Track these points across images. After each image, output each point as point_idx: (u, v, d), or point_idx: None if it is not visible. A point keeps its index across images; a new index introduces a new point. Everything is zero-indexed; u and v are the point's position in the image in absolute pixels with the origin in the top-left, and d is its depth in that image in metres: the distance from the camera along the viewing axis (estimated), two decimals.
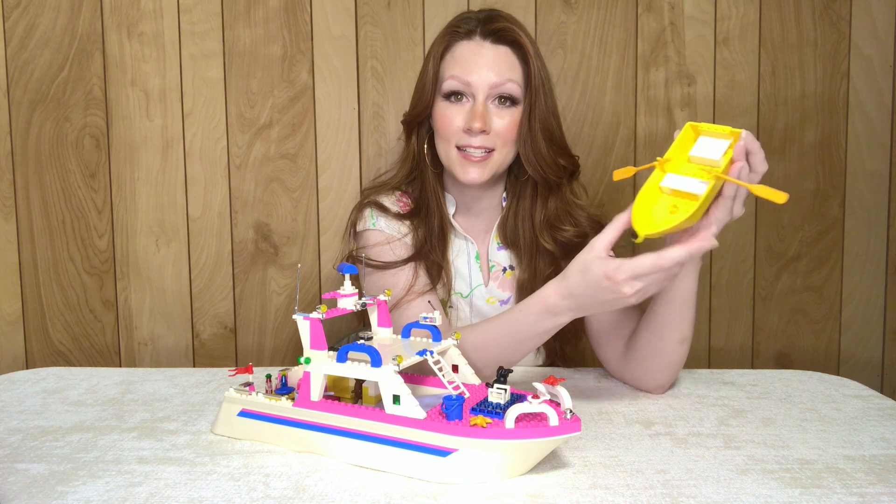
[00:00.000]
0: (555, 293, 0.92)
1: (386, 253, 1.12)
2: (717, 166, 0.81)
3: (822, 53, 1.55)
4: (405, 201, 1.18)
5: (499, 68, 1.08)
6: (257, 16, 1.53)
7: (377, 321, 0.91)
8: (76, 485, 0.74)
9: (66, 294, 1.58)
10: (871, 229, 1.59)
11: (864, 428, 0.89)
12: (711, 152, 0.82)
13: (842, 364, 1.62)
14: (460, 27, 1.12)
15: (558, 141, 1.13)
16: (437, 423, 0.74)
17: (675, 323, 0.99)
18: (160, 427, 0.90)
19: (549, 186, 1.14)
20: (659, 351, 1.01)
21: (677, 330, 1.00)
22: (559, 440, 0.74)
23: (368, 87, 1.55)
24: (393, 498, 0.71)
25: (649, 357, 1.02)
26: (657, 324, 1.01)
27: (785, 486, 0.73)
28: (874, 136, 1.56)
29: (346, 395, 0.86)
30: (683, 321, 0.99)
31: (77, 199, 1.56)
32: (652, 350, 1.02)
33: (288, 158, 1.56)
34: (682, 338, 1.00)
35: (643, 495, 0.71)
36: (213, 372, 1.14)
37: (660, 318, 1.00)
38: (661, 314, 1.00)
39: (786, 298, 1.60)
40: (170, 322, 1.59)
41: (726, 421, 0.91)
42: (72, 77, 1.54)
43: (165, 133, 1.55)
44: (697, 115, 1.56)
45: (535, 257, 1.16)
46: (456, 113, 1.10)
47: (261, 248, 1.58)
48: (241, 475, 0.76)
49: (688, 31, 1.54)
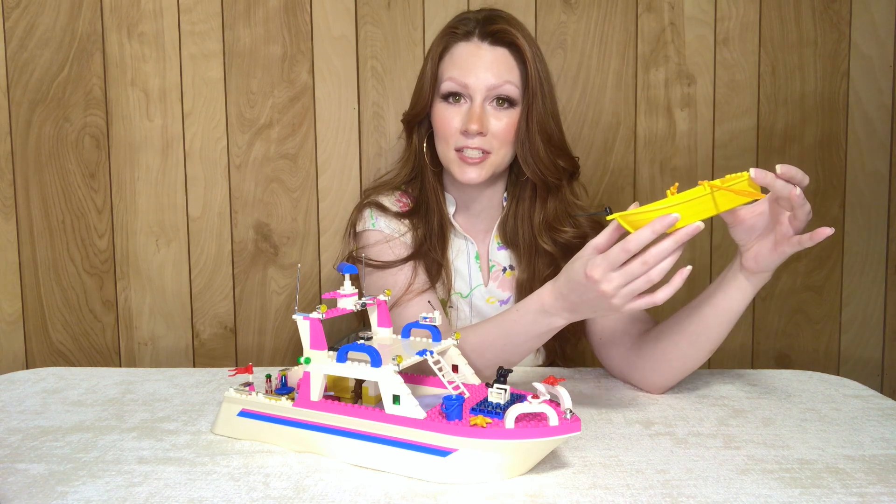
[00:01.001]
0: (549, 293, 0.92)
1: (385, 252, 1.12)
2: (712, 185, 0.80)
3: (822, 53, 1.55)
4: (405, 201, 1.18)
5: (497, 70, 1.08)
6: (257, 16, 1.53)
7: (377, 321, 0.91)
8: (76, 485, 0.74)
9: (66, 294, 1.58)
10: (871, 229, 1.58)
11: (864, 428, 0.89)
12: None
13: (842, 364, 1.62)
14: (458, 28, 1.11)
15: (557, 142, 1.12)
16: (437, 423, 0.74)
17: (713, 332, 0.97)
18: (160, 427, 0.90)
19: (547, 188, 1.14)
20: (686, 355, 0.99)
21: (712, 339, 0.98)
22: (559, 440, 0.74)
23: (368, 87, 1.55)
24: (393, 498, 0.71)
25: (672, 358, 1.00)
26: (695, 330, 0.98)
27: (785, 486, 0.73)
28: (874, 136, 1.56)
29: (346, 395, 0.86)
30: (720, 333, 0.97)
31: (77, 199, 1.56)
32: (678, 353, 0.99)
33: (288, 158, 1.56)
34: (712, 348, 0.99)
35: (643, 495, 0.71)
36: (213, 372, 1.14)
37: (701, 326, 0.97)
38: (705, 323, 0.97)
39: (786, 298, 1.60)
40: (170, 322, 1.59)
41: (726, 421, 0.91)
42: (72, 77, 1.54)
43: (165, 133, 1.55)
44: (697, 115, 1.56)
45: (534, 258, 1.16)
46: (454, 114, 1.10)
47: (261, 248, 1.58)
48: (241, 475, 0.76)
49: (688, 31, 1.54)
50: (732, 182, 0.80)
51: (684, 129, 1.56)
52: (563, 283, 0.89)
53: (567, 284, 0.88)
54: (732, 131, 1.56)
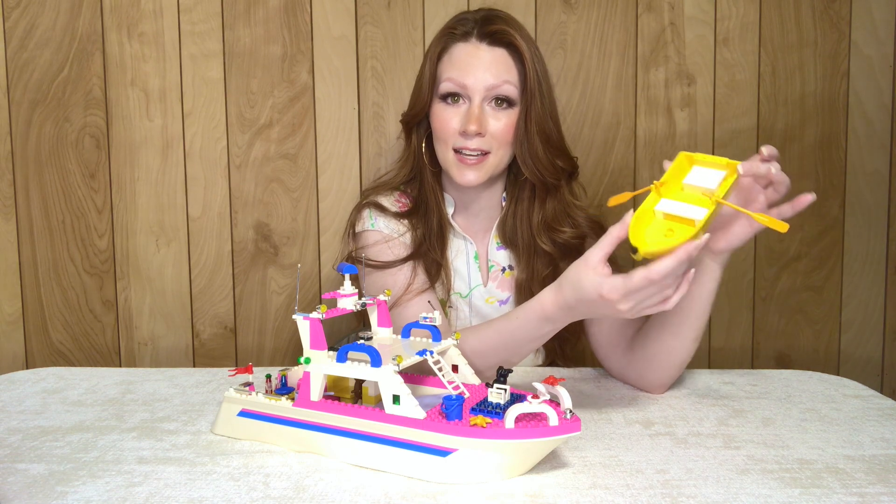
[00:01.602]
0: (552, 303, 0.91)
1: (385, 253, 1.12)
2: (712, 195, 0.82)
3: (822, 53, 1.55)
4: (404, 201, 1.18)
5: (495, 70, 1.08)
6: (257, 16, 1.53)
7: (377, 321, 0.91)
8: (76, 485, 0.74)
9: (66, 294, 1.58)
10: (871, 229, 1.59)
11: (863, 428, 0.89)
12: (707, 181, 0.83)
13: (842, 364, 1.62)
14: (457, 28, 1.11)
15: (556, 143, 1.12)
16: (437, 423, 0.74)
17: (693, 321, 0.99)
18: (160, 427, 0.90)
19: (546, 188, 1.14)
20: (671, 349, 1.01)
21: (694, 328, 0.99)
22: (559, 440, 0.74)
23: (368, 87, 1.55)
24: (393, 498, 0.71)
25: (659, 354, 1.01)
26: (675, 321, 1.00)
27: (785, 486, 0.73)
28: (874, 136, 1.56)
29: (346, 395, 0.86)
30: (700, 319, 0.99)
31: (77, 199, 1.56)
32: (664, 347, 1.01)
33: (288, 158, 1.56)
34: (696, 336, 1.00)
35: (643, 495, 0.71)
36: (213, 372, 1.14)
37: (681, 317, 0.99)
38: (684, 313, 0.99)
39: (786, 298, 1.60)
40: (170, 322, 1.59)
41: (726, 421, 0.91)
42: (72, 77, 1.54)
43: (165, 133, 1.55)
44: (697, 115, 1.56)
45: (533, 258, 1.16)
46: (452, 115, 1.10)
47: (261, 248, 1.58)
48: (241, 475, 0.76)
49: (688, 31, 1.54)
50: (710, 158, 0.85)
51: (684, 129, 1.56)
52: (569, 295, 0.88)
53: (574, 297, 0.87)
54: (732, 131, 1.56)
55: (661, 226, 0.83)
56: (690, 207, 0.82)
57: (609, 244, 0.85)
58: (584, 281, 0.85)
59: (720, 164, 0.84)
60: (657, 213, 0.84)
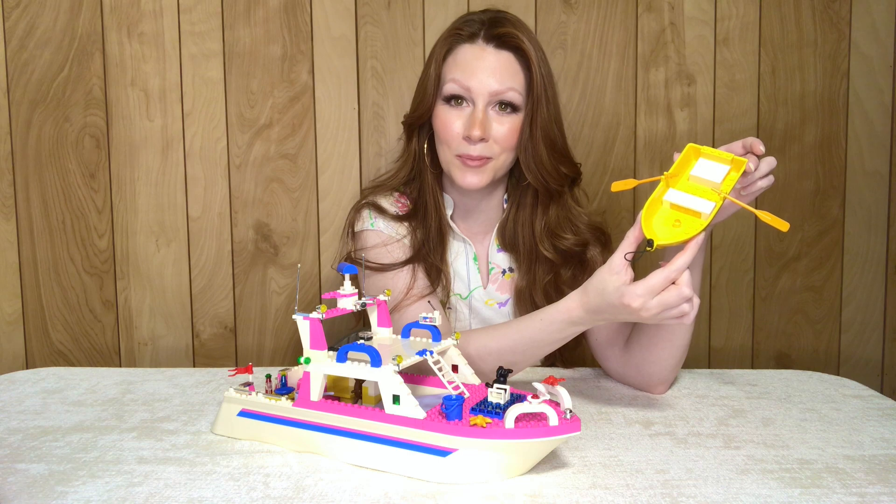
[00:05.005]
0: (579, 306, 0.93)
1: (384, 255, 1.12)
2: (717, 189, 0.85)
3: (822, 53, 1.55)
4: (403, 202, 1.18)
5: (500, 75, 1.07)
6: (257, 16, 1.53)
7: (377, 321, 0.91)
8: (76, 485, 0.74)
9: (66, 294, 1.58)
10: (871, 229, 1.58)
11: (863, 428, 0.89)
12: (712, 175, 0.86)
13: (842, 364, 1.62)
14: (463, 30, 1.10)
15: (560, 148, 1.12)
16: (437, 423, 0.74)
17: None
18: (160, 427, 0.90)
19: (549, 194, 1.13)
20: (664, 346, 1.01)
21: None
22: (559, 440, 0.74)
23: (368, 87, 1.55)
24: (393, 498, 0.71)
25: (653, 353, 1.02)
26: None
27: (785, 486, 0.73)
28: (874, 136, 1.56)
29: (346, 395, 0.86)
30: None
31: (77, 199, 1.56)
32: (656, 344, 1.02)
33: (288, 158, 1.56)
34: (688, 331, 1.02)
35: (643, 495, 0.71)
36: (213, 372, 1.14)
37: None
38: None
39: (786, 298, 1.60)
40: (170, 322, 1.59)
41: (726, 421, 0.91)
42: (72, 77, 1.54)
43: (165, 133, 1.55)
44: (697, 114, 1.56)
45: (534, 264, 1.15)
46: (456, 117, 1.09)
47: (261, 248, 1.58)
48: (241, 475, 0.76)
49: (688, 31, 1.54)
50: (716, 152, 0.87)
51: (684, 129, 1.56)
52: (594, 302, 0.90)
53: (601, 304, 0.90)
54: (732, 131, 1.56)
55: (669, 216, 0.86)
56: (698, 200, 0.85)
57: (628, 246, 0.88)
58: (609, 287, 0.88)
59: (725, 158, 0.87)
60: (664, 203, 0.86)
